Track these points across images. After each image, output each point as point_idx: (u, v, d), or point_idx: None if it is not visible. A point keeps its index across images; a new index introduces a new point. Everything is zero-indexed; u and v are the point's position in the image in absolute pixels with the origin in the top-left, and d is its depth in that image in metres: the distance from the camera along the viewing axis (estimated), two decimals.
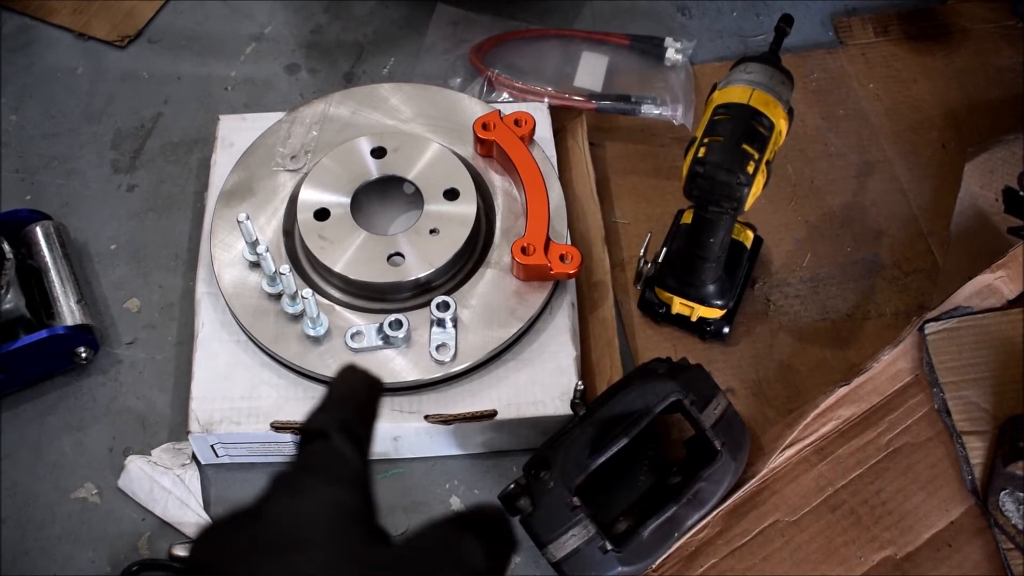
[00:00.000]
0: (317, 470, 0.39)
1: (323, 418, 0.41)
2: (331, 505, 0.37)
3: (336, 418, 0.40)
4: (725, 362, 0.91)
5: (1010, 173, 0.97)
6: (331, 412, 0.41)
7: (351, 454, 0.39)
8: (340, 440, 0.39)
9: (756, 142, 0.74)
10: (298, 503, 0.37)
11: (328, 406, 0.41)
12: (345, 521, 0.37)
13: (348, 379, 0.43)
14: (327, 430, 0.40)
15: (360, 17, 1.17)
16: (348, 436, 0.40)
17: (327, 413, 0.41)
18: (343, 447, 0.39)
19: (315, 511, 0.37)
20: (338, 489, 0.38)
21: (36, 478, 0.86)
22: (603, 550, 0.73)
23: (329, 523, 0.37)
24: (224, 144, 0.98)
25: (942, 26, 1.14)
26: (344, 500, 0.38)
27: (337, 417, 0.41)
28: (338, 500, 0.38)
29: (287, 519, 0.37)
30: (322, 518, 0.37)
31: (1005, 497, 0.78)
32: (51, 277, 0.91)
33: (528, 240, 0.85)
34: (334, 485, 0.38)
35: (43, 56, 1.14)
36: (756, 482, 0.78)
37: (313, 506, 0.37)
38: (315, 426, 0.40)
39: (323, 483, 0.38)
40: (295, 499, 0.37)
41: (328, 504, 0.37)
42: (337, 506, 0.37)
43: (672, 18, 1.17)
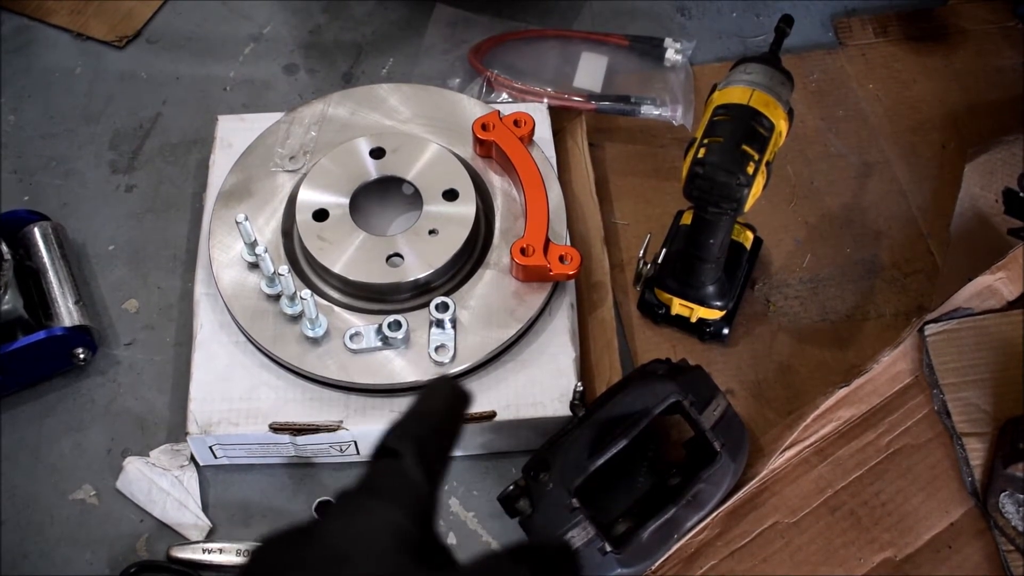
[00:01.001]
0: (379, 491, 0.39)
1: (398, 435, 0.41)
2: (386, 528, 0.37)
3: (412, 436, 0.40)
4: (725, 363, 0.91)
5: (1010, 174, 0.97)
6: (408, 428, 0.41)
7: (417, 477, 0.39)
8: (410, 461, 0.39)
9: (756, 143, 0.74)
10: (352, 523, 0.37)
11: (407, 421, 0.41)
12: (397, 544, 0.37)
13: (434, 393, 0.43)
14: (400, 449, 0.40)
15: (359, 17, 1.17)
16: (420, 457, 0.40)
17: (404, 429, 0.41)
18: (411, 469, 0.39)
19: (368, 532, 0.37)
20: (396, 512, 0.38)
21: (35, 480, 0.86)
22: (602, 552, 0.73)
23: (380, 545, 0.36)
24: (223, 144, 0.98)
25: (942, 27, 1.14)
26: (401, 524, 0.38)
27: (413, 435, 0.41)
28: (395, 523, 0.37)
29: (339, 538, 0.37)
30: (374, 540, 0.37)
31: (1005, 499, 0.78)
32: (49, 278, 0.91)
33: (527, 241, 0.85)
34: (393, 508, 0.38)
35: (41, 57, 1.14)
36: (756, 483, 0.78)
37: (367, 527, 0.37)
38: (389, 444, 0.40)
39: (382, 505, 0.38)
40: (350, 519, 0.38)
41: (383, 527, 0.37)
42: (392, 529, 0.37)
43: (672, 19, 1.17)
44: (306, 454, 0.85)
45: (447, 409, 0.43)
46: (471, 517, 0.84)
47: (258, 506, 0.85)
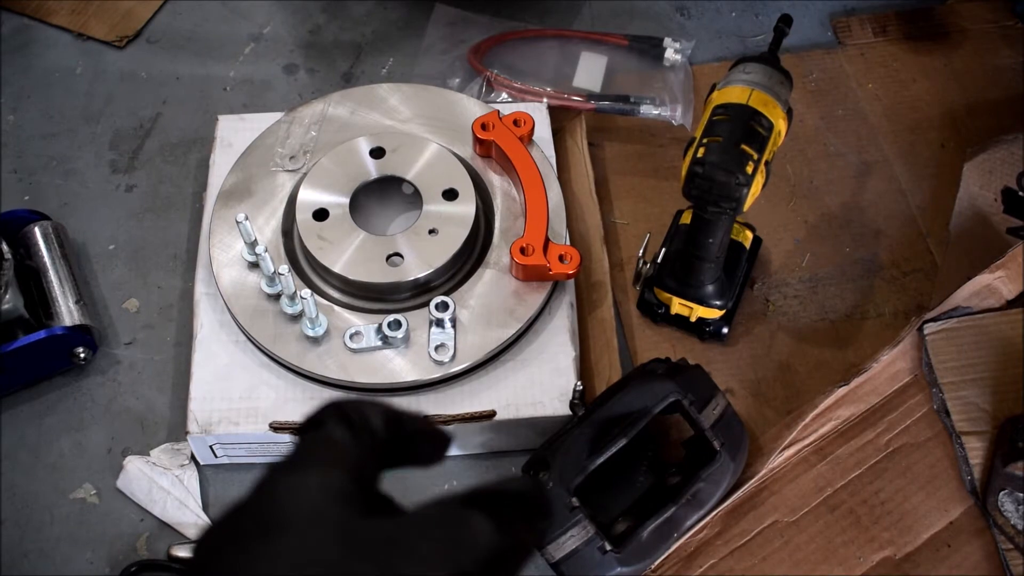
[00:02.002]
0: (305, 456, 0.38)
1: (321, 410, 0.40)
2: (317, 488, 0.36)
3: (333, 407, 0.40)
4: (724, 362, 0.91)
5: (1009, 173, 0.97)
6: (333, 406, 0.40)
7: (343, 436, 0.38)
8: (333, 426, 0.39)
9: (755, 142, 0.74)
10: (283, 489, 0.36)
11: (331, 402, 0.41)
12: (331, 501, 0.36)
13: None
14: (321, 417, 0.39)
15: (358, 17, 1.17)
16: (342, 421, 0.39)
17: (328, 406, 0.40)
18: (335, 432, 0.38)
19: (299, 494, 0.36)
20: (326, 472, 0.37)
21: (35, 479, 0.86)
22: (602, 550, 0.73)
23: (313, 504, 0.35)
24: (223, 144, 0.98)
25: (941, 26, 1.14)
26: (332, 482, 0.36)
27: (334, 406, 0.40)
28: (325, 482, 0.36)
29: (270, 505, 0.36)
30: (306, 500, 0.35)
31: (1004, 497, 0.78)
32: (50, 277, 0.91)
33: (527, 240, 0.85)
34: (322, 469, 0.37)
35: (42, 56, 1.14)
36: (755, 482, 0.78)
37: (297, 490, 0.36)
38: (312, 417, 0.40)
39: (310, 467, 0.37)
40: (280, 485, 0.37)
41: (314, 487, 0.36)
42: (324, 488, 0.36)
43: (671, 18, 1.17)
44: None
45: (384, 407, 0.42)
46: None
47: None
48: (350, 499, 0.36)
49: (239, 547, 0.34)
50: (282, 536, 0.34)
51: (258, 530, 0.35)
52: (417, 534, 0.35)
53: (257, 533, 0.34)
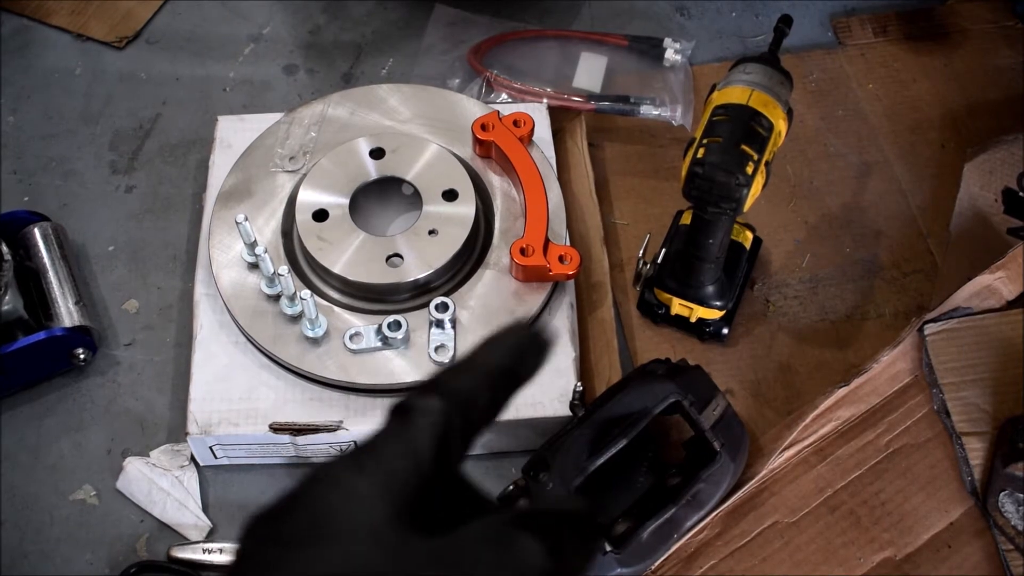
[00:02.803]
0: (372, 456, 0.36)
1: (421, 391, 0.37)
2: (373, 497, 0.34)
3: (441, 393, 0.37)
4: (724, 363, 0.91)
5: (1009, 174, 0.97)
6: (440, 384, 0.37)
7: (422, 445, 0.36)
8: (420, 425, 0.36)
9: (755, 143, 0.74)
10: (337, 492, 0.34)
11: (444, 375, 0.38)
12: (384, 510, 0.34)
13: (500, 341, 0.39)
14: (413, 407, 0.36)
15: (358, 18, 1.17)
16: (434, 422, 0.36)
17: (434, 385, 0.37)
18: (417, 436, 0.36)
19: (352, 502, 0.34)
20: (387, 479, 0.35)
21: (34, 480, 0.86)
22: (602, 551, 0.73)
23: (364, 515, 0.34)
24: (222, 145, 0.98)
25: (941, 26, 1.14)
26: (390, 492, 0.35)
27: (441, 392, 0.37)
28: (383, 492, 0.34)
29: (321, 507, 0.34)
30: (358, 509, 0.34)
31: (1005, 498, 0.78)
32: (49, 278, 0.91)
33: (527, 241, 0.85)
34: (383, 475, 0.35)
35: (41, 57, 1.14)
36: (755, 483, 0.78)
37: (351, 496, 0.34)
38: (405, 402, 0.37)
39: (372, 473, 0.35)
40: (335, 487, 0.35)
41: (370, 495, 0.34)
42: (380, 498, 0.34)
43: (671, 19, 1.17)
44: (306, 454, 0.85)
45: (500, 363, 0.39)
46: None
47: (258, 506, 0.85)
48: (405, 508, 0.35)
49: (283, 548, 0.33)
50: (328, 545, 0.33)
51: (304, 533, 0.34)
52: (466, 554, 0.34)
53: (303, 536, 0.33)
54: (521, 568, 0.34)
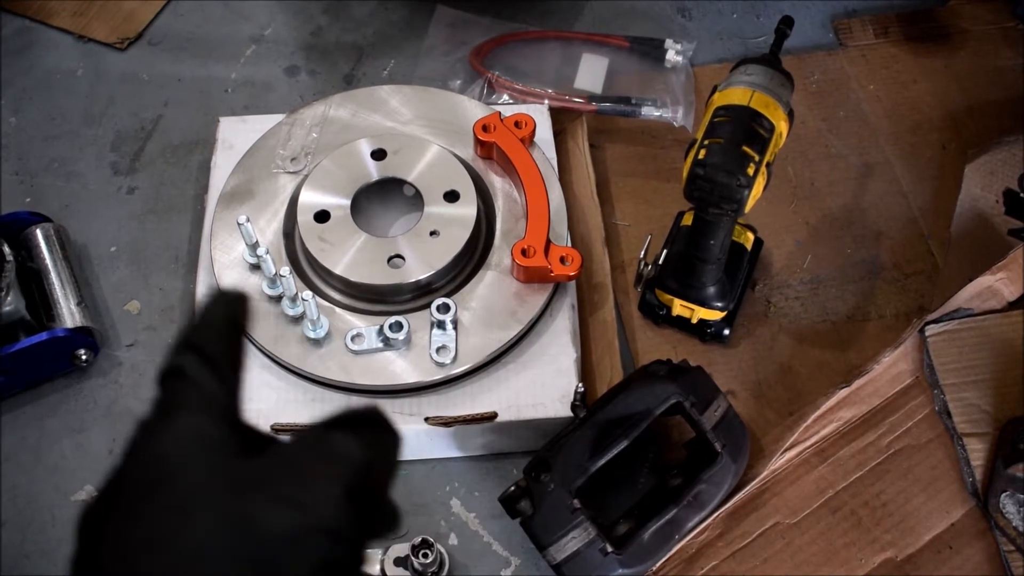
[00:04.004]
0: (172, 406, 0.38)
1: (176, 351, 0.39)
2: (189, 437, 0.37)
3: (190, 347, 0.39)
4: (725, 364, 0.91)
5: (1010, 175, 0.97)
6: (185, 345, 0.39)
7: (208, 382, 0.38)
8: (195, 372, 0.38)
9: (756, 144, 0.74)
10: (155, 444, 0.37)
11: (182, 340, 0.40)
12: (205, 447, 0.37)
13: (207, 307, 0.42)
14: (181, 363, 0.39)
15: (360, 19, 1.17)
16: (205, 366, 0.39)
17: (180, 348, 0.39)
18: (199, 377, 0.38)
19: (173, 447, 0.36)
20: (196, 420, 0.37)
21: (36, 481, 0.86)
22: (603, 552, 0.73)
23: (188, 453, 0.36)
24: (224, 146, 0.98)
25: (942, 27, 1.14)
26: (204, 429, 0.37)
27: (191, 346, 0.39)
28: (197, 430, 0.37)
29: (146, 463, 0.36)
30: (180, 450, 0.36)
31: (1006, 499, 0.78)
32: (51, 279, 0.91)
33: (528, 242, 0.85)
34: (191, 417, 0.37)
35: (43, 58, 1.14)
36: (757, 484, 0.78)
37: (170, 443, 0.37)
38: (169, 362, 0.39)
39: (180, 418, 0.37)
40: (152, 442, 0.37)
41: (186, 436, 0.37)
42: (196, 436, 0.37)
43: (672, 20, 1.17)
44: None
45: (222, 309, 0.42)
46: (472, 518, 0.84)
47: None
48: (223, 441, 0.37)
49: (125, 512, 0.35)
50: (165, 492, 0.35)
51: (140, 491, 0.35)
52: (294, 459, 0.38)
53: (140, 494, 0.35)
54: (344, 458, 0.37)
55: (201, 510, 0.35)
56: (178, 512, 0.35)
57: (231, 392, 0.40)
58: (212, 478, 0.36)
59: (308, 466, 0.37)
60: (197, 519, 0.34)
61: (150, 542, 0.34)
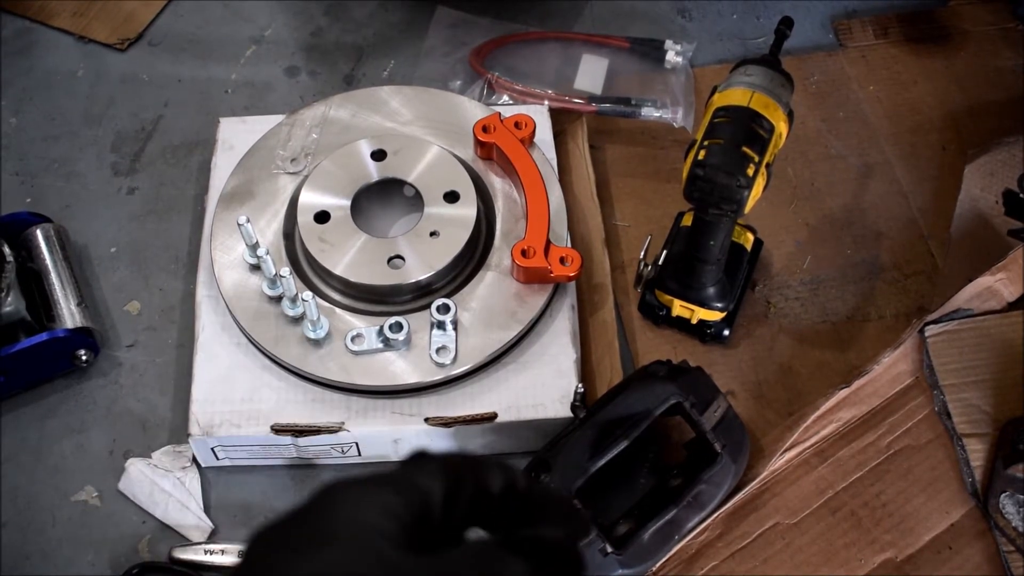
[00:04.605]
0: (389, 476, 0.38)
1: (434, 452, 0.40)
2: (374, 509, 0.37)
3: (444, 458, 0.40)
4: (725, 364, 0.91)
5: (1010, 175, 0.97)
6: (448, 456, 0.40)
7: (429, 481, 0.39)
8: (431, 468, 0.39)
9: (756, 145, 0.74)
10: (340, 500, 0.37)
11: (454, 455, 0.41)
12: (381, 524, 0.36)
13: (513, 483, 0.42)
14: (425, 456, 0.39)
15: (360, 20, 1.18)
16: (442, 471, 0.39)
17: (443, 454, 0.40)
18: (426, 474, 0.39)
19: (354, 510, 0.36)
20: (389, 495, 0.37)
21: (36, 481, 0.86)
22: (603, 552, 0.73)
23: (364, 524, 0.36)
24: (224, 147, 0.98)
25: (942, 28, 1.14)
26: (390, 505, 0.37)
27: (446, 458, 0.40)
28: (384, 505, 0.37)
29: (329, 515, 0.36)
30: (358, 519, 0.36)
31: (1005, 499, 0.78)
32: (51, 280, 0.91)
33: (528, 243, 0.85)
34: (387, 491, 0.37)
35: (43, 59, 1.14)
36: (756, 484, 0.78)
37: (354, 505, 0.37)
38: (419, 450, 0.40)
39: (376, 488, 0.37)
40: (339, 497, 0.37)
41: (371, 506, 0.37)
42: (379, 510, 0.37)
43: (672, 20, 1.17)
44: (308, 455, 0.85)
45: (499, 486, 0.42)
46: None
47: (260, 507, 0.85)
48: (401, 526, 0.37)
49: (289, 551, 0.35)
50: (330, 550, 0.35)
51: (310, 538, 0.35)
52: (455, 572, 0.36)
53: (308, 540, 0.35)
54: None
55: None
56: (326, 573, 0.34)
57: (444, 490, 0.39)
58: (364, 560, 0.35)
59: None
60: None
61: None
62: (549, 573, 0.37)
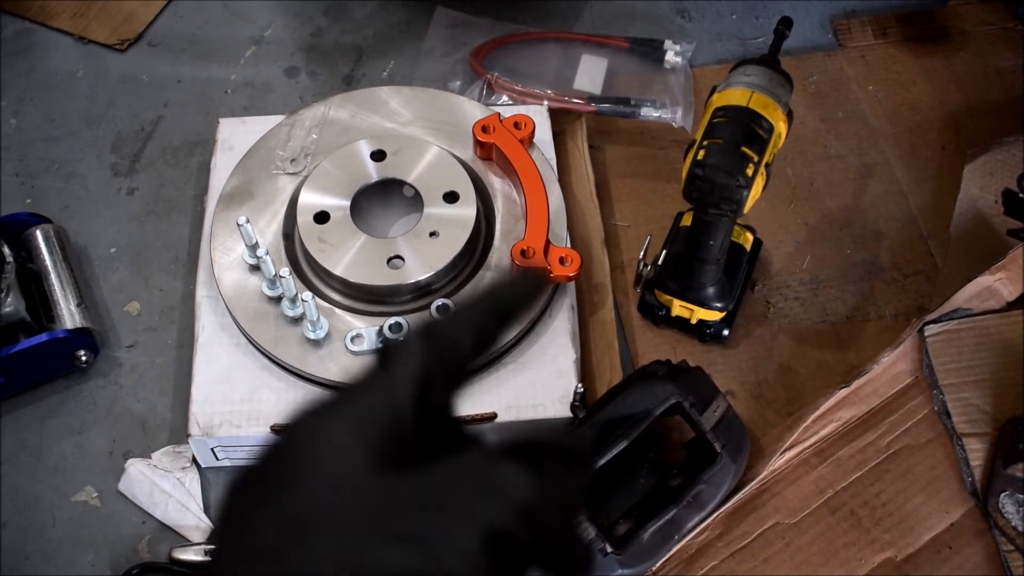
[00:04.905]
0: (352, 398, 0.35)
1: (407, 339, 0.36)
2: (348, 441, 0.33)
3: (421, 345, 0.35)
4: (725, 364, 0.91)
5: (1010, 175, 0.97)
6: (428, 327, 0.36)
7: (400, 398, 0.34)
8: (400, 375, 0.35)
9: (755, 145, 0.74)
10: (313, 438, 0.33)
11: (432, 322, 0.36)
12: (359, 457, 0.33)
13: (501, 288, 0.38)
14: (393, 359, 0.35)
15: (359, 20, 1.18)
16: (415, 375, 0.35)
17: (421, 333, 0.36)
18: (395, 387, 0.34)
19: (328, 446, 0.33)
20: (365, 422, 0.34)
21: (36, 482, 0.86)
22: (603, 552, 0.73)
23: (339, 459, 0.33)
24: (224, 147, 0.98)
25: (941, 28, 1.14)
26: (368, 434, 0.33)
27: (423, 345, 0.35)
28: (360, 435, 0.33)
29: (298, 456, 0.33)
30: (333, 454, 0.33)
31: (1005, 499, 0.78)
32: (51, 280, 0.91)
33: (528, 243, 0.85)
34: (356, 413, 0.34)
35: (43, 60, 1.14)
36: (756, 484, 0.78)
37: (326, 441, 0.33)
38: (386, 348, 0.36)
39: (346, 410, 0.34)
40: (313, 433, 0.34)
41: (345, 440, 0.33)
42: (357, 442, 0.33)
43: (671, 21, 1.17)
44: None
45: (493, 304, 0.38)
46: None
47: None
48: (382, 456, 0.33)
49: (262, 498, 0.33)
50: (302, 492, 0.32)
51: (282, 483, 0.33)
52: (444, 490, 0.32)
53: (280, 486, 0.33)
54: (505, 497, 0.32)
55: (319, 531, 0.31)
56: (297, 528, 0.31)
57: (445, 385, 0.36)
58: (348, 495, 0.32)
59: (459, 501, 0.32)
60: (309, 542, 0.31)
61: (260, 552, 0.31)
62: (550, 478, 0.33)
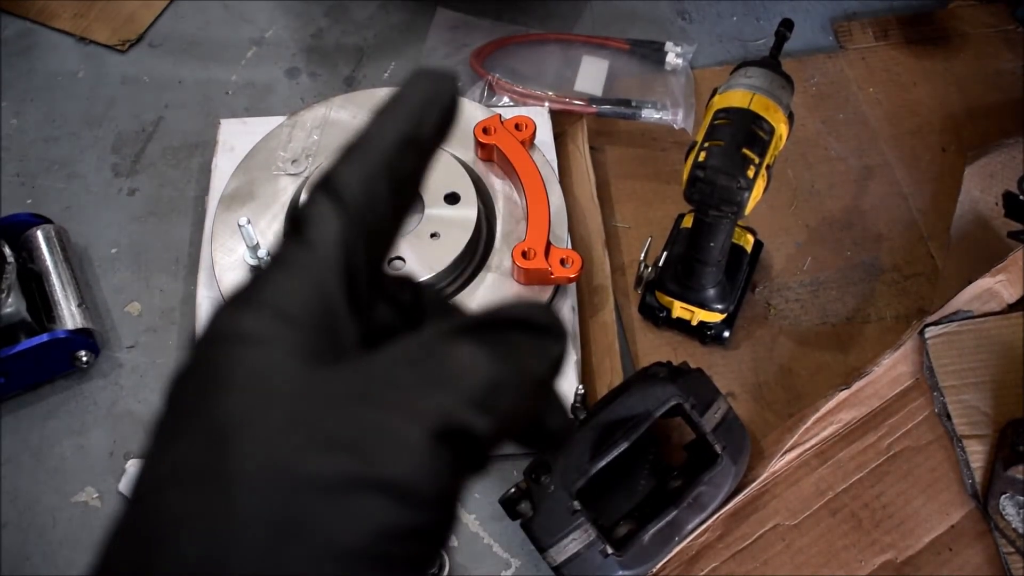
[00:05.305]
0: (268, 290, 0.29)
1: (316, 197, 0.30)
2: (271, 339, 0.28)
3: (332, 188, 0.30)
4: (725, 366, 0.91)
5: (1010, 177, 0.97)
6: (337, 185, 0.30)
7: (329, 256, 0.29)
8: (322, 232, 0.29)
9: (756, 146, 0.74)
10: (231, 341, 0.28)
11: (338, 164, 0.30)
12: (285, 345, 0.27)
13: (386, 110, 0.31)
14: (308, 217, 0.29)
15: (360, 21, 1.18)
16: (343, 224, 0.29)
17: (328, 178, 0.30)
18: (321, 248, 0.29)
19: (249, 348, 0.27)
20: (288, 317, 0.28)
21: (37, 482, 0.86)
22: (604, 554, 0.73)
23: (264, 360, 0.27)
24: (225, 148, 0.98)
25: (942, 30, 1.14)
26: (293, 326, 0.28)
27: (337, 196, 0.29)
28: (285, 331, 0.28)
29: (219, 361, 0.28)
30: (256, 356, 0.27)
31: (1005, 501, 0.78)
32: (52, 281, 0.91)
33: (529, 244, 0.85)
34: (284, 311, 0.28)
35: (44, 60, 1.14)
36: (756, 486, 0.78)
37: (247, 342, 0.27)
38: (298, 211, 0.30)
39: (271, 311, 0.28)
40: (231, 335, 0.28)
41: (268, 338, 0.28)
42: (282, 340, 0.28)
43: (672, 22, 1.17)
44: None
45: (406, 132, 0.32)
46: (472, 520, 0.84)
47: None
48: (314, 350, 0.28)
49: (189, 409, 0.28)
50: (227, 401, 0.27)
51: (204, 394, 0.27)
52: (383, 382, 0.27)
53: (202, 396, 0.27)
54: (454, 387, 0.27)
55: (242, 442, 0.26)
56: (218, 440, 0.26)
57: (374, 252, 0.30)
58: (277, 397, 0.27)
59: (392, 392, 0.27)
60: (232, 453, 0.26)
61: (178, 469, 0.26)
62: (517, 352, 0.28)
